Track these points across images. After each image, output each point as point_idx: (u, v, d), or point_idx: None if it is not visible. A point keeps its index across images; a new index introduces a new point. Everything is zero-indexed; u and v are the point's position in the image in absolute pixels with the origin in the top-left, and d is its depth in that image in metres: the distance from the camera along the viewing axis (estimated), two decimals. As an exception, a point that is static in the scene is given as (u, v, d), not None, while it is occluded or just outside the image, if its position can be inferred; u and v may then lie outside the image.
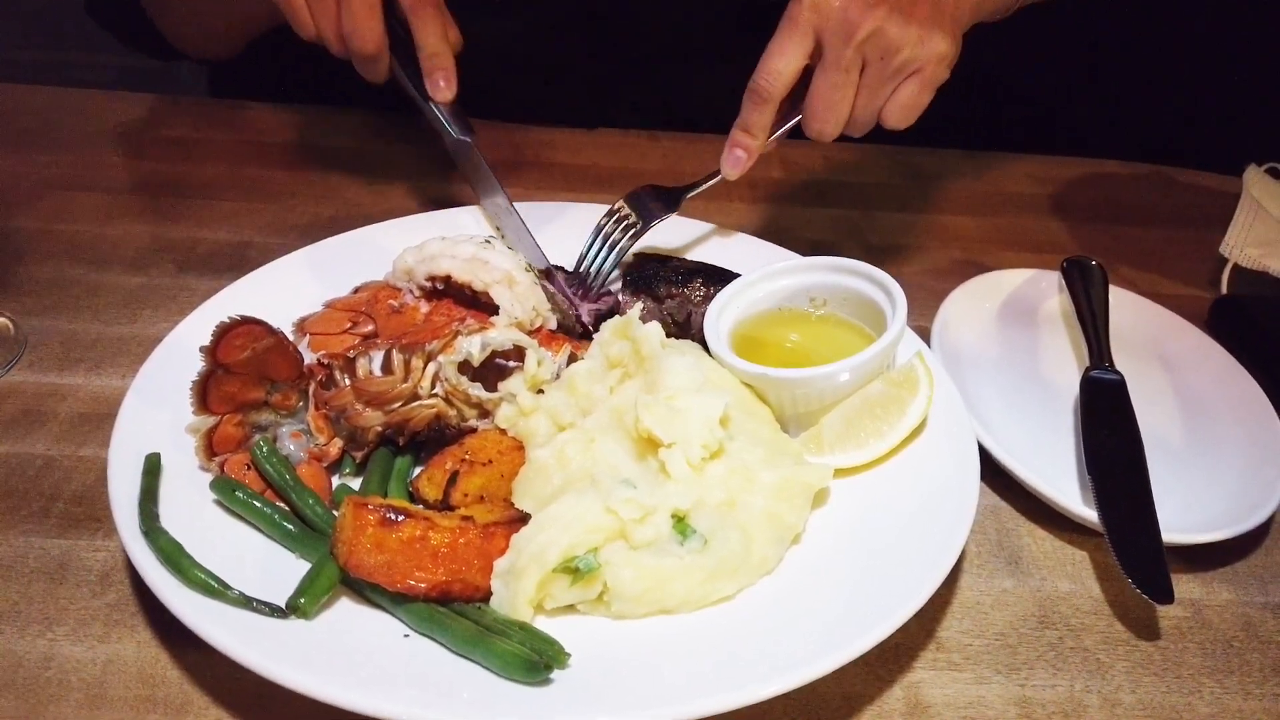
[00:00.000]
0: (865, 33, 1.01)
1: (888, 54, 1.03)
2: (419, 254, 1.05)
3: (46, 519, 0.92)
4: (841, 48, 1.02)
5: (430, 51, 1.20)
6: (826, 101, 1.06)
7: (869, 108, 1.07)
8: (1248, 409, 1.12)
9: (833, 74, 1.04)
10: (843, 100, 1.05)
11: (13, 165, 1.49)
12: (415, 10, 1.19)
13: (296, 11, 1.20)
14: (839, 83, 1.04)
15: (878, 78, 1.05)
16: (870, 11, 1.01)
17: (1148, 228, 1.62)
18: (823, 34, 1.03)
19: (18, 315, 1.18)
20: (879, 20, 1.01)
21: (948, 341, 1.20)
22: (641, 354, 0.98)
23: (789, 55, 1.05)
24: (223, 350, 0.88)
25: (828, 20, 1.02)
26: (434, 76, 1.21)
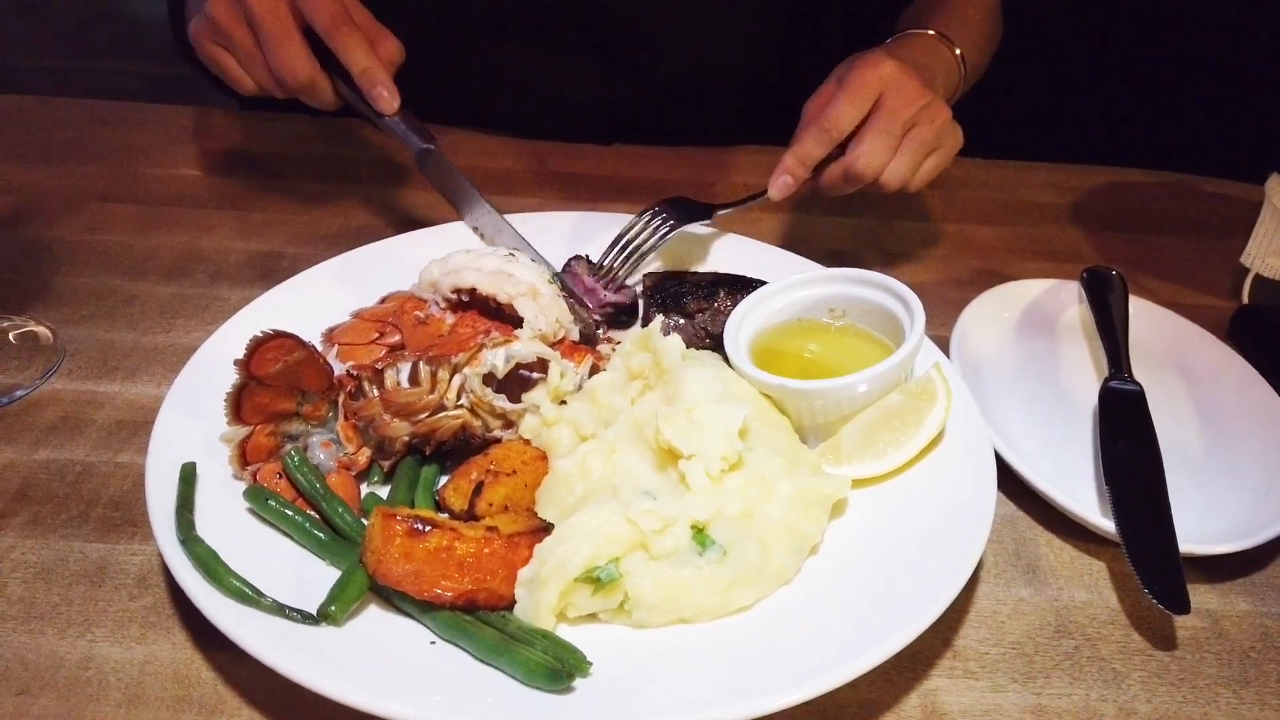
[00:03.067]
0: (918, 107, 1.20)
1: (929, 128, 1.22)
2: (444, 266, 1.08)
3: (85, 523, 0.95)
4: (899, 112, 1.20)
5: (360, 70, 1.21)
6: (874, 147, 1.20)
7: (902, 165, 1.22)
8: (1267, 420, 1.13)
9: (886, 128, 1.20)
10: (886, 150, 1.20)
11: (50, 177, 1.53)
12: (333, 35, 1.19)
13: (228, 69, 1.23)
14: (888, 137, 1.20)
15: (918, 143, 1.22)
16: (924, 91, 1.21)
17: (1169, 237, 1.62)
18: (885, 97, 1.20)
19: (56, 324, 1.21)
20: (929, 100, 1.22)
21: (966, 351, 1.21)
22: (662, 366, 1.00)
23: (857, 107, 1.20)
24: (255, 363, 0.91)
25: (893, 89, 1.20)
26: (373, 92, 1.21)
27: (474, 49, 1.61)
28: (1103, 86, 2.33)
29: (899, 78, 1.20)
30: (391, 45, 1.26)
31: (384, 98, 1.22)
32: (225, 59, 1.23)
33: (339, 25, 1.19)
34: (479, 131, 1.71)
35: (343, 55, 1.20)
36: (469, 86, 1.64)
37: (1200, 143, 2.07)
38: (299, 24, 1.19)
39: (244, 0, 1.18)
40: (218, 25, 1.21)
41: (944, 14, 1.49)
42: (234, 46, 1.22)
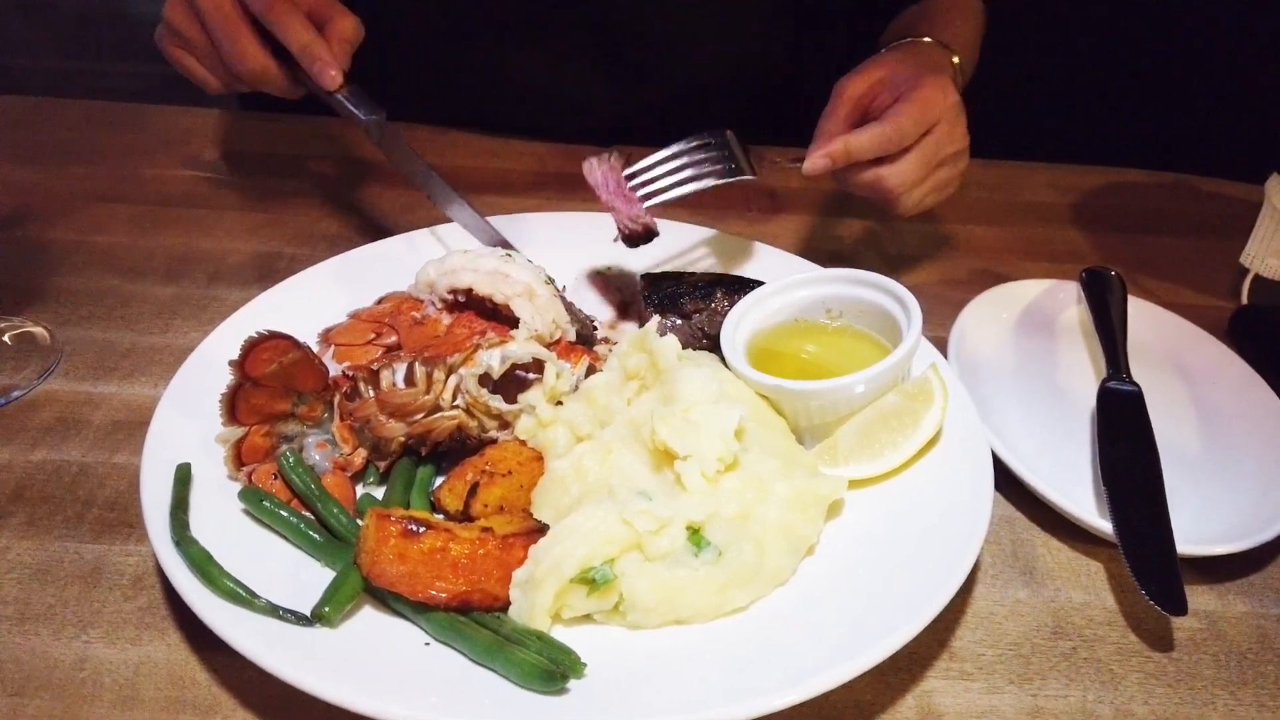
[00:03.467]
0: (956, 150, 1.26)
1: (954, 171, 1.28)
2: (441, 267, 1.08)
3: (81, 524, 0.96)
4: (943, 147, 1.24)
5: (299, 47, 1.19)
6: (913, 170, 1.22)
7: (921, 194, 1.26)
8: (1265, 420, 1.12)
9: (928, 158, 1.23)
10: (919, 177, 1.23)
11: (49, 178, 1.53)
12: (268, 14, 1.18)
13: (193, 71, 1.24)
14: (925, 167, 1.23)
15: (941, 182, 1.28)
16: (966, 136, 1.28)
17: (1168, 237, 1.62)
18: (938, 128, 1.23)
19: (54, 325, 1.21)
20: (964, 147, 1.28)
21: (964, 351, 1.21)
22: (659, 366, 1.00)
23: (920, 127, 1.21)
24: (250, 364, 0.91)
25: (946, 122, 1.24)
26: (314, 68, 1.19)
27: (479, 51, 1.61)
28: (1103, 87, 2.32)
29: (955, 115, 1.24)
30: (347, 22, 1.24)
31: (327, 74, 1.19)
32: (187, 60, 1.24)
33: (273, 5, 1.18)
34: (480, 133, 1.71)
35: (280, 34, 1.19)
36: (473, 88, 1.63)
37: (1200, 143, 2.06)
38: (246, 15, 1.19)
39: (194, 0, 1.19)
40: (173, 27, 1.22)
41: (940, 23, 1.48)
42: (191, 46, 1.22)
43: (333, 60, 1.20)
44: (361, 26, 1.25)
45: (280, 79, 1.22)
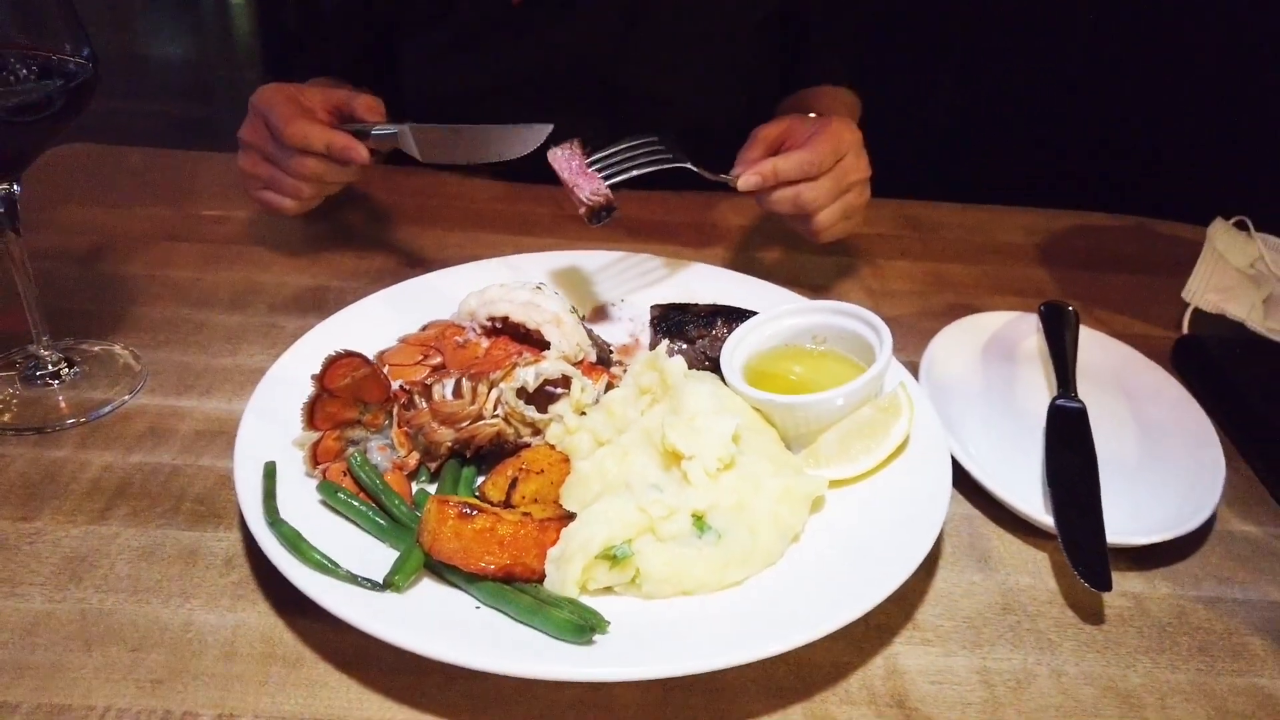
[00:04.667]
0: (860, 178, 1.51)
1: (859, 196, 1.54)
2: (481, 298, 1.25)
3: (177, 515, 1.12)
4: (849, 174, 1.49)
5: (323, 149, 1.44)
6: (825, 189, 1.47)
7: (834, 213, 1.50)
8: (1193, 434, 1.29)
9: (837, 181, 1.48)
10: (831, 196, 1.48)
11: (121, 219, 1.72)
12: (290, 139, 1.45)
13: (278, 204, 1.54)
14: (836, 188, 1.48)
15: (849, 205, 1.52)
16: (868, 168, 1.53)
17: (1125, 274, 1.79)
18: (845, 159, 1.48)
19: (139, 348, 1.39)
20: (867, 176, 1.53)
21: (935, 374, 1.38)
22: (667, 383, 1.17)
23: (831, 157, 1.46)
24: (328, 378, 1.08)
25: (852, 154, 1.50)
26: (344, 156, 1.44)
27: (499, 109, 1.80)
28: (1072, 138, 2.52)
29: (859, 148, 1.50)
30: (365, 98, 1.50)
31: (353, 156, 1.45)
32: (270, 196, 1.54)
33: (291, 128, 1.44)
34: (501, 180, 1.90)
35: (305, 149, 1.45)
36: None
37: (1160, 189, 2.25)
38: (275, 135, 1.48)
39: (247, 143, 1.52)
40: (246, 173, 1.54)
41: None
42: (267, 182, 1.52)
43: (354, 143, 1.45)
44: (380, 101, 1.51)
45: (335, 169, 1.49)
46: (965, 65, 2.47)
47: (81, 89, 1.10)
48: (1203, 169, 2.39)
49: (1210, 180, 2.32)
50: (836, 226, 1.51)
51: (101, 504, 1.12)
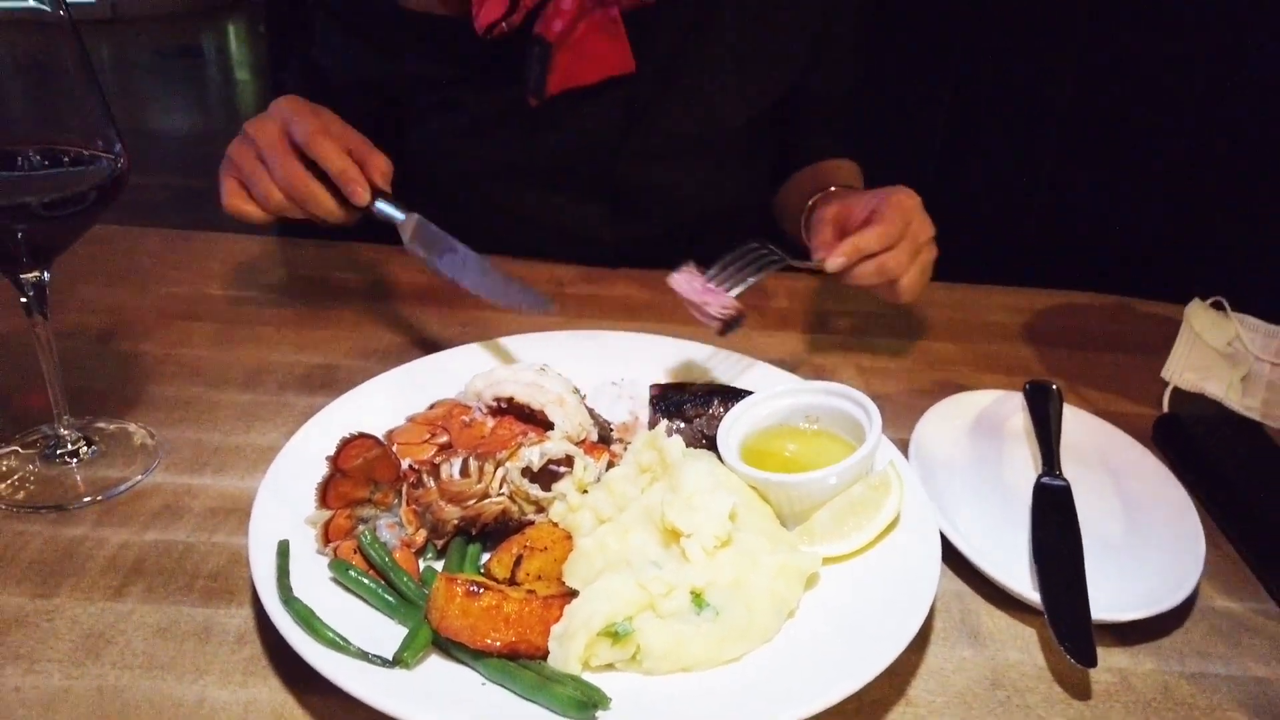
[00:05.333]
0: (928, 237, 1.60)
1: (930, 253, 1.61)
2: (487, 379, 1.31)
3: (191, 592, 1.15)
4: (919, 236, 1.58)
5: (337, 171, 1.47)
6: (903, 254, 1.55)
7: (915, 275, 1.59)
8: (1174, 512, 1.33)
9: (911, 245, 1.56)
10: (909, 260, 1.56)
11: (137, 298, 1.78)
12: (310, 144, 1.46)
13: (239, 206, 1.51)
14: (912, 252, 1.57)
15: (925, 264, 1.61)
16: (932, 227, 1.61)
17: (1108, 353, 1.85)
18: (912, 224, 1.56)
19: (154, 426, 1.43)
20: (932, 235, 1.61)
21: (923, 452, 1.43)
22: (666, 462, 1.21)
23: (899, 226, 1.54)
24: (342, 458, 1.13)
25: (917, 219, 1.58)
26: (348, 188, 1.47)
27: (502, 195, 1.90)
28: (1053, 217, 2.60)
29: (922, 209, 1.59)
30: (379, 158, 1.53)
31: (358, 192, 1.48)
32: (238, 192, 1.52)
33: (314, 135, 1.47)
34: (504, 257, 1.97)
35: (320, 160, 1.47)
36: (497, 224, 1.91)
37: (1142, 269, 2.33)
38: (294, 149, 1.49)
39: (250, 136, 1.50)
40: (232, 159, 1.51)
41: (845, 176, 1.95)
42: (244, 175, 1.50)
43: (363, 181, 1.48)
44: (391, 164, 1.54)
45: (324, 198, 1.49)
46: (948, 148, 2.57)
47: (113, 183, 1.17)
48: (1182, 249, 2.47)
49: (1189, 260, 2.40)
50: (917, 285, 1.60)
51: (118, 581, 1.16)
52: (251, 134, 1.50)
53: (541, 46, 1.68)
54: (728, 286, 1.47)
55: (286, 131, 1.48)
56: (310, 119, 1.48)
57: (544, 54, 1.69)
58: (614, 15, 1.68)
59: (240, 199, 1.51)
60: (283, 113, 1.50)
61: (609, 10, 1.67)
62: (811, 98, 2.03)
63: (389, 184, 1.53)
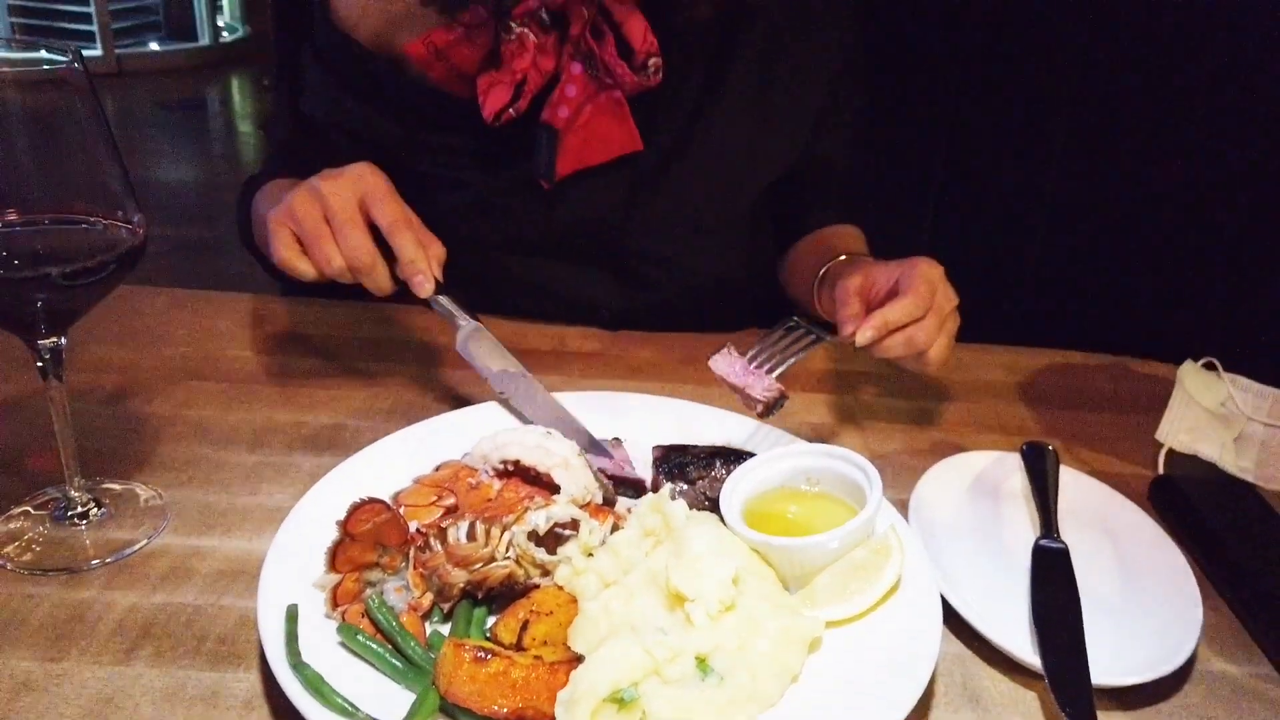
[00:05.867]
0: (953, 307, 1.58)
1: (954, 322, 1.60)
2: (494, 442, 1.33)
3: (199, 656, 1.16)
4: (944, 306, 1.57)
5: (406, 260, 1.49)
6: (931, 325, 1.54)
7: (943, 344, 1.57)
8: (1171, 574, 1.35)
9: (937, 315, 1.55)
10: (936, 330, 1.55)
11: (145, 357, 1.80)
12: (392, 232, 1.49)
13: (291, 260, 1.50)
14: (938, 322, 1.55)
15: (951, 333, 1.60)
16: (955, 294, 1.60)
17: (1103, 413, 1.88)
18: (936, 295, 1.55)
19: (162, 487, 1.45)
20: (956, 304, 1.60)
21: (923, 513, 1.45)
22: (670, 525, 1.23)
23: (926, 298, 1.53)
24: (351, 523, 1.14)
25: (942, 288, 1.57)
26: (414, 280, 1.50)
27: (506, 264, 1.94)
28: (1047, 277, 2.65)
29: (945, 279, 1.58)
30: (438, 248, 1.56)
31: (422, 284, 1.51)
32: (293, 244, 1.51)
33: (398, 224, 1.50)
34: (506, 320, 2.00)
35: (396, 245, 1.50)
36: (499, 291, 1.95)
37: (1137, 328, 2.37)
38: (366, 219, 1.50)
39: (322, 194, 1.49)
40: (294, 212, 1.50)
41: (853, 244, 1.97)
42: (304, 231, 1.49)
43: (431, 276, 1.52)
44: (445, 252, 1.56)
45: (384, 276, 1.51)
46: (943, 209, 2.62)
47: (132, 253, 1.20)
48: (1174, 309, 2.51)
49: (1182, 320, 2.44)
50: (944, 355, 1.59)
51: (126, 645, 1.17)
52: (325, 192, 1.48)
53: (549, 133, 1.73)
54: (769, 368, 1.47)
55: (364, 204, 1.49)
56: (393, 204, 1.50)
57: (552, 140, 1.73)
58: (619, 98, 1.73)
59: (295, 253, 1.50)
60: (363, 182, 1.50)
61: (614, 93, 1.72)
62: (816, 167, 2.07)
63: (442, 269, 1.55)
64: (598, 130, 1.78)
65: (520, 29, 1.67)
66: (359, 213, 1.49)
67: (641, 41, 1.68)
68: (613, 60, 1.69)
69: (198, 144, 9.84)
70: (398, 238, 1.49)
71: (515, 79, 1.69)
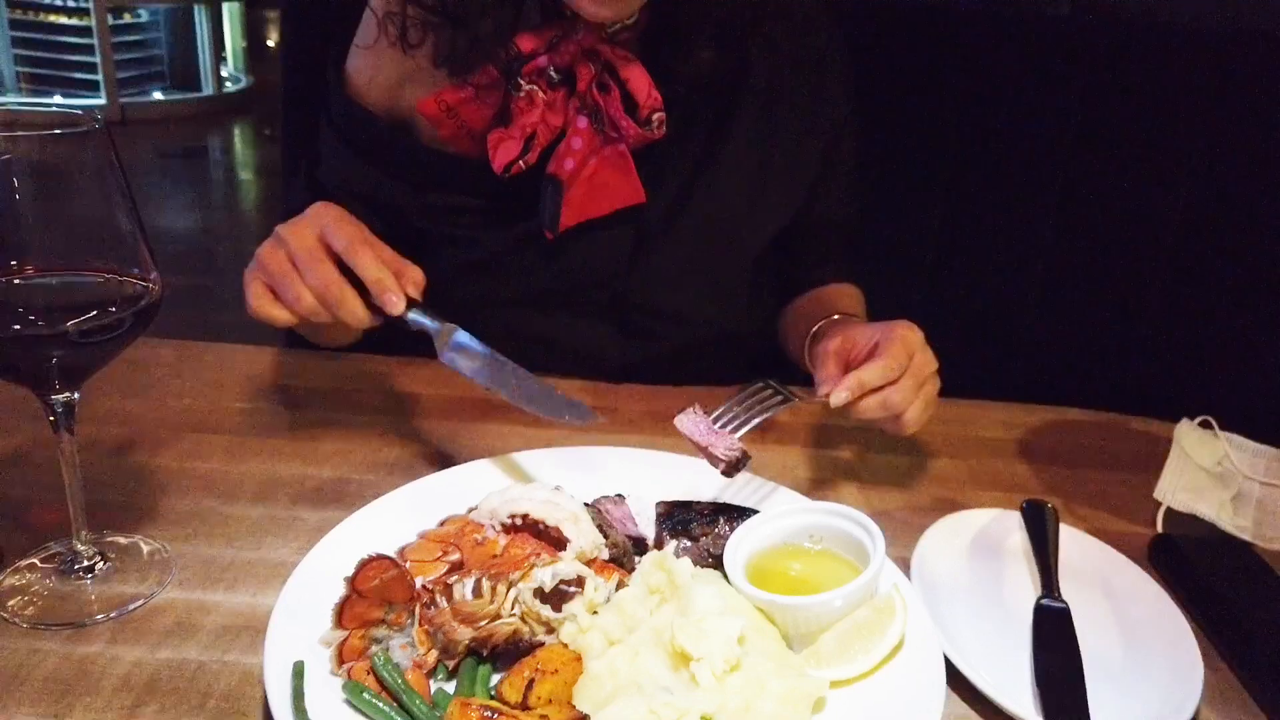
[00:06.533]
0: (932, 370, 1.62)
1: (934, 387, 1.63)
2: (503, 497, 1.34)
3: (203, 712, 1.16)
4: (923, 370, 1.60)
5: (371, 279, 1.49)
6: (907, 388, 1.56)
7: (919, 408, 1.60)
8: (1172, 633, 1.36)
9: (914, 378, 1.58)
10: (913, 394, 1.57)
11: (153, 410, 1.82)
12: (350, 253, 1.49)
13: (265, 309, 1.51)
14: (915, 386, 1.58)
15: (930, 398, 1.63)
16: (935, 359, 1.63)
17: (1101, 470, 1.89)
18: (915, 358, 1.59)
19: (167, 541, 1.45)
20: (936, 369, 1.63)
21: (925, 571, 1.45)
22: (675, 583, 1.24)
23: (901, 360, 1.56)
24: (359, 579, 1.15)
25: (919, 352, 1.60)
26: (383, 299, 1.49)
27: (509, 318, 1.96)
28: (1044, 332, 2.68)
29: (925, 344, 1.62)
30: (413, 271, 1.57)
31: (391, 301, 1.50)
32: (265, 294, 1.52)
33: (354, 244, 1.50)
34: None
35: (358, 268, 1.49)
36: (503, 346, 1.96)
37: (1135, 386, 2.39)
38: (330, 254, 1.51)
39: (284, 239, 1.51)
40: (262, 262, 1.52)
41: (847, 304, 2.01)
42: (273, 277, 1.51)
43: (399, 290, 1.51)
44: (424, 276, 1.58)
45: (356, 303, 1.50)
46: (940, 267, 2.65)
47: (149, 310, 1.22)
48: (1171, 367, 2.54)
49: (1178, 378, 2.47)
50: (920, 419, 1.61)
51: (131, 700, 1.17)
52: (285, 236, 1.51)
53: (554, 184, 1.76)
54: (733, 427, 1.50)
55: (323, 237, 1.51)
56: (349, 227, 1.51)
57: (556, 191, 1.77)
58: (623, 151, 1.77)
59: (267, 302, 1.51)
60: (321, 218, 1.52)
61: (618, 146, 1.76)
62: (814, 225, 2.11)
63: (421, 294, 1.56)
64: (601, 182, 1.82)
65: (529, 86, 1.72)
66: (320, 248, 1.50)
67: (646, 96, 1.73)
68: (618, 114, 1.74)
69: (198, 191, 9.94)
70: (356, 258, 1.49)
71: (525, 134, 1.73)
